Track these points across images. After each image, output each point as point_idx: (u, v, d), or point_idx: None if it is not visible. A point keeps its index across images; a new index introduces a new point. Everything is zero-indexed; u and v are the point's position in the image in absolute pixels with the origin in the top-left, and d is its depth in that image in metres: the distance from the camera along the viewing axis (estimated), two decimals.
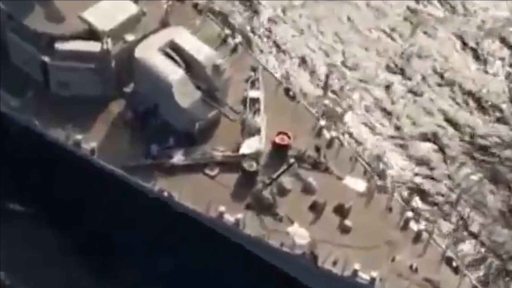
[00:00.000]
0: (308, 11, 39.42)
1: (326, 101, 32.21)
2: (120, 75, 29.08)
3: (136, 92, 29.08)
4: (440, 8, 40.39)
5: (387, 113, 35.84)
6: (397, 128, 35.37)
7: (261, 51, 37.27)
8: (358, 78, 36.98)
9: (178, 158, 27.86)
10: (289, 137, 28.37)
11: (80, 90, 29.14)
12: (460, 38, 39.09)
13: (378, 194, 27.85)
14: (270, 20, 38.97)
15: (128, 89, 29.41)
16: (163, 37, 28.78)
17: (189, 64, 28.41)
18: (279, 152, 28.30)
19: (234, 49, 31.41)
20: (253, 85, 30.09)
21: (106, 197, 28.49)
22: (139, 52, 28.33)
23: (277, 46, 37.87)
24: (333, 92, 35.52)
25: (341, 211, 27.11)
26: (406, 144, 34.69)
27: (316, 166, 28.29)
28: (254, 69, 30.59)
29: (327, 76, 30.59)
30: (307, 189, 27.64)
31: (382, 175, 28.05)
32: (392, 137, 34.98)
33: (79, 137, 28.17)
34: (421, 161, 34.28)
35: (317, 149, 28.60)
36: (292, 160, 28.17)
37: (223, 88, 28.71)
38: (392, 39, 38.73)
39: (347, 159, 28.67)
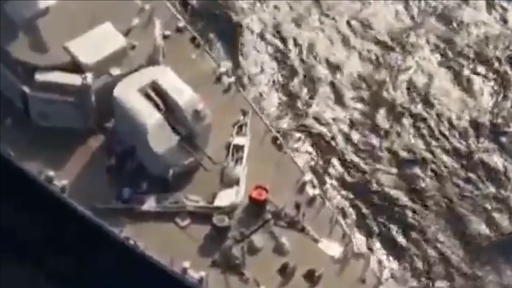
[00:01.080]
0: None
1: None
2: (101, 110, 28.04)
3: (115, 130, 27.99)
4: None
5: None
6: None
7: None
8: None
9: (149, 204, 26.79)
10: (267, 192, 26.99)
11: (59, 122, 28.24)
12: None
13: (354, 261, 26.40)
14: None
15: (109, 124, 28.33)
16: (145, 77, 27.64)
17: (170, 107, 27.23)
18: (255, 207, 26.98)
19: (227, 89, 30.10)
20: (239, 130, 28.80)
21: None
22: (118, 91, 27.25)
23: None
24: None
25: (311, 277, 25.76)
26: None
27: (292, 225, 26.94)
28: (244, 113, 29.29)
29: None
30: (279, 250, 26.35)
31: None
32: None
33: (51, 173, 27.24)
34: None
35: (297, 207, 27.22)
36: (268, 216, 26.85)
37: (203, 135, 27.47)
38: None
39: (327, 220, 27.23)
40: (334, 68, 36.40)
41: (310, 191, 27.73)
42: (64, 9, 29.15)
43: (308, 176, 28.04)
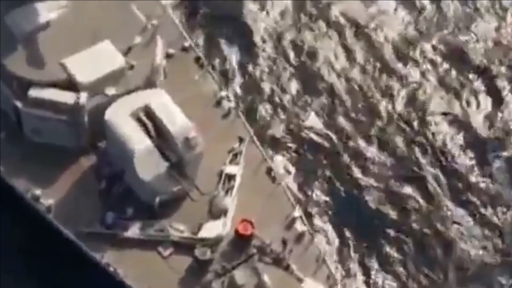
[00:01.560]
0: None
1: None
2: (94, 130, 27.61)
3: (107, 151, 27.56)
4: None
5: None
6: None
7: None
8: None
9: (133, 231, 26.33)
10: (253, 226, 26.36)
11: (52, 139, 27.89)
12: None
13: None
14: None
15: (102, 144, 27.91)
16: (139, 100, 27.11)
17: (161, 132, 26.68)
18: (240, 241, 26.35)
19: (227, 114, 29.47)
20: (234, 158, 28.18)
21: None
22: (109, 114, 26.78)
23: None
24: None
25: None
26: None
27: (277, 262, 26.25)
28: (241, 140, 28.65)
29: None
30: None
31: None
32: None
33: (38, 191, 26.93)
34: None
35: (284, 243, 26.52)
36: (253, 251, 26.22)
37: (193, 163, 26.85)
38: None
39: (313, 258, 26.50)
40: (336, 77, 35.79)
41: (299, 227, 26.98)
42: (65, 24, 28.77)
43: (298, 212, 27.23)
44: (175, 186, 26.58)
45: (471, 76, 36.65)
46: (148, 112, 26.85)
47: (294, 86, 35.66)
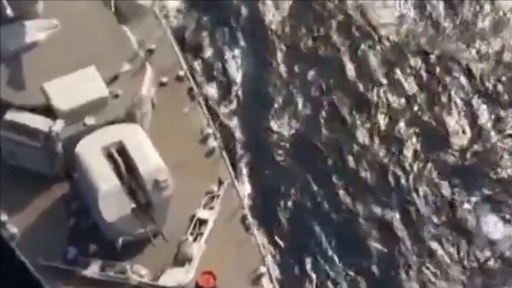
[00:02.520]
0: None
1: None
2: (70, 159, 26.80)
3: (77, 184, 26.82)
4: None
5: None
6: None
7: None
8: None
9: (93, 269, 25.58)
10: (215, 279, 25.34)
11: (27, 163, 27.27)
12: None
13: None
14: None
15: (76, 174, 27.16)
16: (113, 135, 26.20)
17: (133, 171, 25.75)
18: None
19: (210, 152, 28.43)
20: (210, 201, 27.17)
21: None
22: (81, 147, 25.95)
23: None
24: None
25: None
26: None
27: None
28: (220, 182, 27.58)
29: None
30: None
31: None
32: None
33: (4, 217, 26.37)
34: None
35: None
36: None
37: (161, 206, 25.88)
38: None
39: None
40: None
41: (265, 284, 25.88)
42: (53, 45, 28.02)
43: (265, 269, 26.10)
44: (140, 228, 25.65)
45: None
46: (121, 148, 25.88)
47: None
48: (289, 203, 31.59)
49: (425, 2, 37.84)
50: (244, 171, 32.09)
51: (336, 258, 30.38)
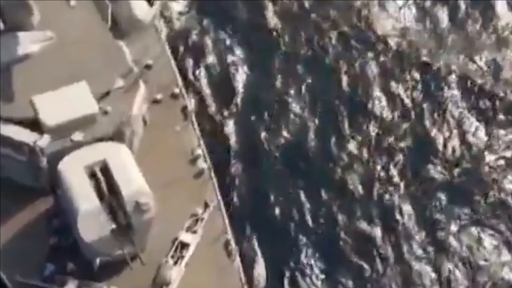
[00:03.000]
0: None
1: None
2: (54, 174, 26.51)
3: (60, 201, 26.57)
4: None
5: None
6: None
7: None
8: None
9: None
10: None
11: (13, 176, 27.04)
12: None
13: None
14: None
15: (59, 191, 26.89)
16: (97, 153, 25.87)
17: (115, 191, 25.43)
18: None
19: (199, 174, 28.05)
20: (194, 224, 26.81)
21: None
22: (63, 165, 25.67)
23: None
24: None
25: None
26: None
27: None
28: (206, 205, 27.22)
29: None
30: None
31: None
32: None
33: None
34: None
35: None
36: None
37: (142, 229, 25.53)
38: None
39: None
40: None
41: None
42: (46, 57, 27.71)
43: None
44: (118, 249, 25.32)
45: None
46: (104, 168, 25.56)
47: None
48: (276, 212, 31.45)
49: (429, 14, 37.60)
50: (236, 180, 32.01)
51: (317, 271, 30.21)
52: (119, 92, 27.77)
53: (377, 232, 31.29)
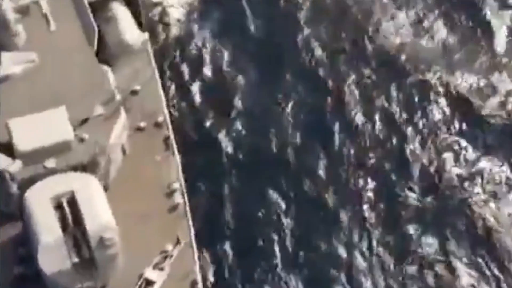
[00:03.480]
0: None
1: None
2: None
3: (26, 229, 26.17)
4: None
5: None
6: None
7: None
8: None
9: None
10: None
11: None
12: None
13: None
14: None
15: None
16: (65, 184, 25.41)
17: (79, 224, 24.95)
18: None
19: (174, 208, 27.47)
20: (162, 261, 26.22)
21: None
22: (30, 193, 25.27)
23: None
24: None
25: None
26: None
27: None
28: (177, 241, 26.64)
29: None
30: None
31: None
32: None
33: None
34: None
35: None
36: None
37: (106, 264, 25.00)
38: None
39: None
40: None
41: None
42: (26, 80, 27.40)
43: None
44: (79, 283, 24.85)
45: None
46: (71, 199, 25.10)
47: None
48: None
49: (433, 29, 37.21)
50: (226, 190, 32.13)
51: None
52: (98, 120, 27.29)
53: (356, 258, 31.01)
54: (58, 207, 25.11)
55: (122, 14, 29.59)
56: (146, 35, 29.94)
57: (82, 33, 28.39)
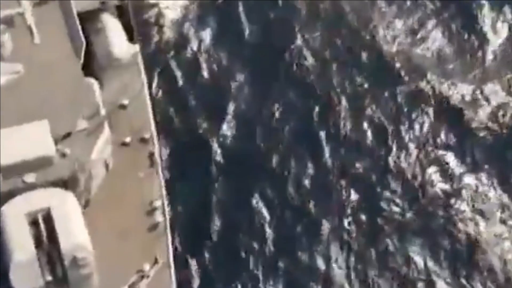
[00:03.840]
0: None
1: None
2: None
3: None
4: None
5: None
6: None
7: None
8: None
9: None
10: None
11: None
12: None
13: None
14: None
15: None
16: (42, 200, 25.14)
17: (54, 242, 24.68)
18: None
19: (154, 227, 27.11)
20: (139, 280, 25.92)
21: None
22: (6, 209, 25.04)
23: None
24: None
25: None
26: None
27: None
28: (155, 261, 26.29)
29: None
30: None
31: None
32: None
33: None
34: None
35: None
36: None
37: (77, 284, 24.72)
38: None
39: None
40: None
41: None
42: (10, 92, 27.06)
43: None
44: None
45: None
46: (47, 216, 24.84)
47: None
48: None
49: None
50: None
51: None
52: (81, 135, 26.96)
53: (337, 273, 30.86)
54: (34, 223, 24.82)
55: (112, 26, 29.14)
56: (136, 47, 29.48)
57: (69, 45, 27.99)
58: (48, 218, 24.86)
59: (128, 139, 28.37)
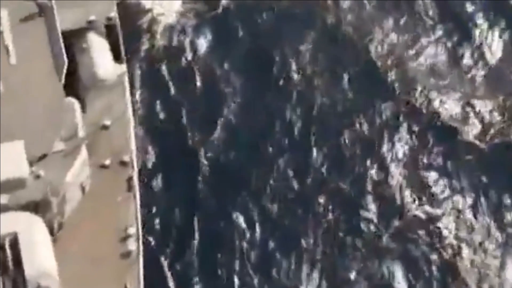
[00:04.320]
0: None
1: None
2: None
3: None
4: None
5: None
6: None
7: None
8: None
9: None
10: None
11: None
12: None
13: None
14: None
15: None
16: (10, 224, 24.64)
17: (19, 267, 24.20)
18: None
19: (126, 255, 26.57)
20: None
21: None
22: None
23: None
24: None
25: None
26: None
27: None
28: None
29: None
30: None
31: None
32: None
33: None
34: None
35: None
36: None
37: None
38: None
39: None
40: None
41: None
42: None
43: None
44: None
45: None
46: (13, 241, 24.36)
47: None
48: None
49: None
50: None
51: None
52: (57, 157, 26.44)
53: None
54: (1, 248, 24.35)
55: (98, 46, 28.59)
56: (123, 67, 28.95)
57: (51, 64, 27.45)
58: (15, 243, 24.34)
59: (107, 162, 27.82)
